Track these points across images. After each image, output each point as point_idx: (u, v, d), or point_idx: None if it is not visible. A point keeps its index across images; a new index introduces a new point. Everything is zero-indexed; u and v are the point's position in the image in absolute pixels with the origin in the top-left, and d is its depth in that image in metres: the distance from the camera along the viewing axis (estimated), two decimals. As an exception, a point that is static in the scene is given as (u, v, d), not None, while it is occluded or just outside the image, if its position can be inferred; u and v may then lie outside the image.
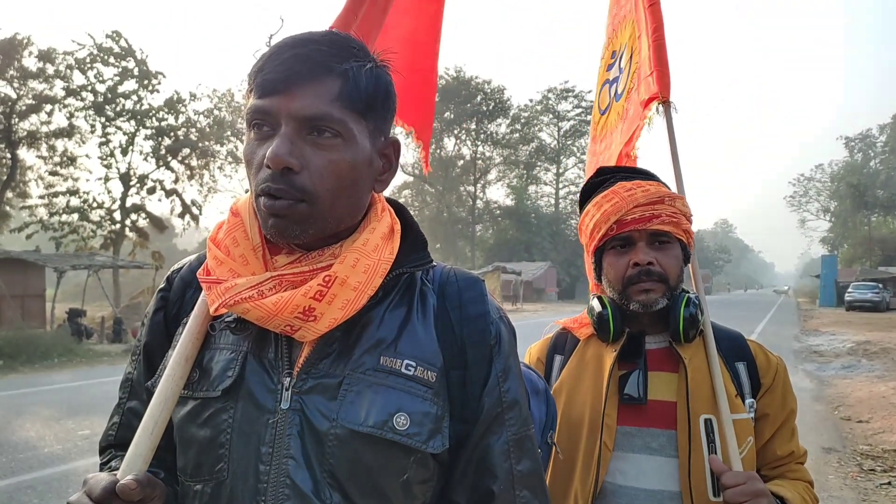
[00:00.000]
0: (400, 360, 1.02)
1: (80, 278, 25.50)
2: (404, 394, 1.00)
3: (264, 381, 1.01)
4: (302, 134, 0.96)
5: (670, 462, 1.58)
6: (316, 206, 0.97)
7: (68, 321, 19.72)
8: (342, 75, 0.98)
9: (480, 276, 8.04)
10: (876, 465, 6.86)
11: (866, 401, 10.26)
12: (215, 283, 1.00)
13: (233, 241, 1.04)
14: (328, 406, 0.98)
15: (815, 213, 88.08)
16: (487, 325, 1.09)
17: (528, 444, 1.11)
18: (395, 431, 0.97)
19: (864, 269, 52.49)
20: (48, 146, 30.50)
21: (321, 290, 0.97)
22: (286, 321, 0.97)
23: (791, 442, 1.65)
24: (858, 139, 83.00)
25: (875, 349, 17.04)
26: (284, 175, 0.95)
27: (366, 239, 1.03)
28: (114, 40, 30.00)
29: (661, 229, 1.63)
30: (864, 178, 69.43)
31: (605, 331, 1.69)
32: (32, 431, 8.16)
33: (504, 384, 1.08)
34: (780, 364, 1.69)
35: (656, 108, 2.10)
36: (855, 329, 24.05)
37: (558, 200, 64.39)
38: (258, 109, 0.98)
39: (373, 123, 1.03)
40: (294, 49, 0.98)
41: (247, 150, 1.01)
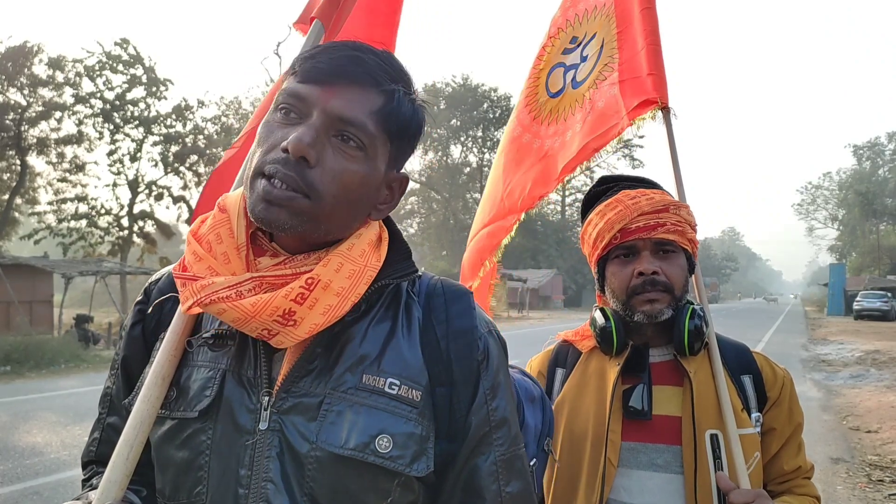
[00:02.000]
0: (383, 378, 0.97)
1: (88, 284, 25.61)
2: (387, 414, 0.95)
3: (243, 400, 0.97)
4: (329, 132, 0.94)
5: (676, 479, 1.55)
6: (317, 204, 0.93)
7: (76, 327, 19.77)
8: (388, 93, 0.96)
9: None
10: (885, 476, 6.81)
11: (875, 410, 10.19)
12: (191, 280, 0.95)
13: (216, 237, 0.99)
14: (308, 427, 0.94)
15: (822, 222, 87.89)
16: (475, 340, 1.04)
17: (518, 465, 1.07)
18: (377, 454, 0.93)
19: (872, 277, 52.26)
20: (57, 153, 30.71)
21: (302, 292, 0.92)
22: (264, 324, 0.92)
23: (798, 457, 1.61)
24: (867, 147, 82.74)
25: (884, 358, 16.92)
26: (298, 164, 0.91)
27: (352, 244, 0.99)
28: (122, 48, 30.21)
29: (666, 238, 1.59)
30: (873, 187, 69.16)
31: (609, 344, 1.65)
32: (39, 437, 8.18)
33: (492, 402, 1.04)
34: (786, 377, 1.66)
35: (653, 114, 2.07)
36: (863, 338, 23.90)
37: (564, 208, 64.32)
38: (294, 93, 0.95)
39: (395, 151, 1.02)
40: (351, 51, 0.97)
41: (264, 128, 0.97)
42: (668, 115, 2.04)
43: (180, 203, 32.70)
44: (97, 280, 22.48)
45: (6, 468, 6.73)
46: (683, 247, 1.63)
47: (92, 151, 31.50)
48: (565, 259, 56.57)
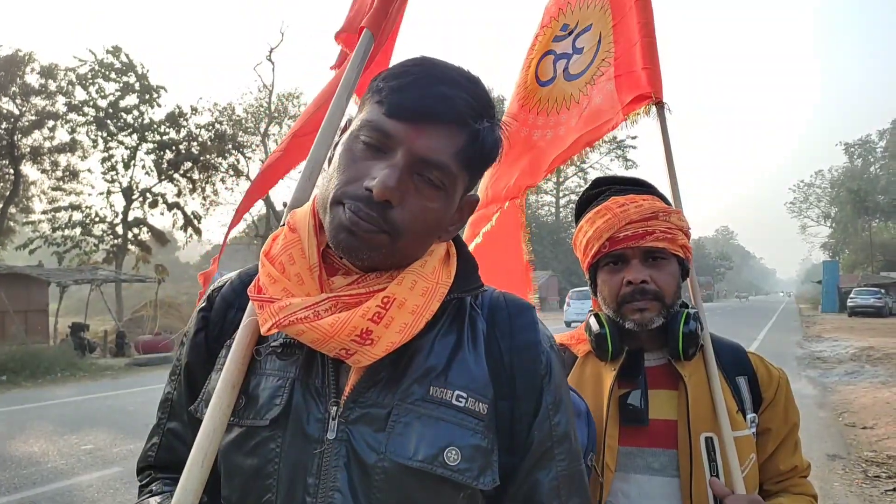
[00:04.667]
0: (451, 390, 0.97)
1: (83, 292, 25.50)
2: (455, 426, 0.95)
3: (312, 409, 0.97)
4: (411, 172, 0.93)
5: (672, 482, 1.55)
6: (395, 242, 0.94)
7: (71, 335, 19.72)
8: (473, 133, 0.96)
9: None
10: (881, 472, 6.84)
11: (870, 407, 10.23)
12: (268, 303, 0.96)
13: (289, 258, 1.00)
14: (376, 438, 0.94)
15: (815, 219, 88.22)
16: (538, 354, 1.04)
17: (579, 481, 1.06)
18: (446, 467, 0.93)
19: (865, 274, 52.44)
20: (51, 161, 30.59)
21: (379, 311, 0.93)
22: (342, 344, 0.92)
23: (794, 456, 1.62)
24: (858, 145, 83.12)
25: (878, 355, 16.98)
26: (380, 205, 0.91)
27: (424, 261, 1.00)
28: (114, 56, 30.15)
29: (656, 246, 1.59)
30: (865, 184, 69.49)
31: (604, 350, 1.65)
32: (36, 447, 8.15)
33: (555, 417, 1.04)
34: (781, 377, 1.66)
35: (646, 109, 2.04)
36: (858, 335, 23.98)
37: (559, 209, 64.36)
38: (380, 128, 0.94)
39: (473, 181, 1.03)
40: (440, 86, 0.95)
41: (346, 154, 0.96)
42: (662, 110, 2.02)
43: (175, 210, 32.59)
44: (92, 288, 22.41)
45: (3, 478, 6.71)
46: (675, 253, 1.62)
47: (86, 159, 31.42)
48: (560, 261, 56.57)
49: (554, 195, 64.39)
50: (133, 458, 7.48)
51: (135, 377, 15.75)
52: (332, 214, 0.95)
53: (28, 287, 20.67)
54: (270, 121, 36.56)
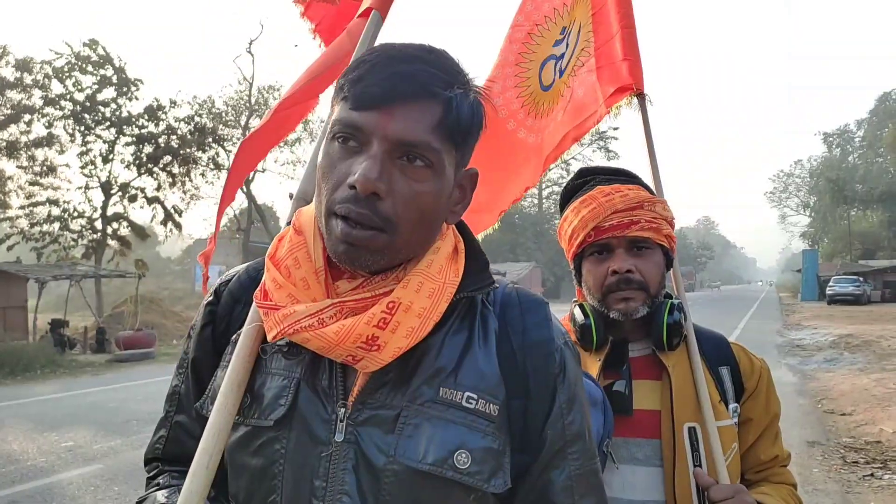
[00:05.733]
0: (461, 391, 0.95)
1: (62, 289, 25.25)
2: (465, 428, 0.94)
3: (318, 410, 0.96)
4: (392, 157, 0.90)
5: (656, 472, 1.56)
6: (395, 236, 0.91)
7: (51, 332, 19.50)
8: (446, 103, 0.92)
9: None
10: (859, 458, 6.95)
11: (849, 394, 10.38)
12: (273, 310, 0.95)
13: (294, 262, 0.98)
14: (385, 440, 0.93)
15: (795, 209, 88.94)
16: (552, 352, 1.02)
17: (593, 480, 1.04)
18: (456, 469, 0.92)
19: (844, 262, 53.10)
20: (28, 156, 30.16)
21: (384, 317, 0.91)
22: (348, 351, 0.91)
23: (775, 446, 1.63)
24: (836, 134, 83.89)
25: (857, 342, 17.24)
26: (369, 200, 0.89)
27: (430, 260, 0.97)
28: (91, 48, 29.74)
29: (641, 236, 1.59)
30: (843, 173, 70.09)
31: (589, 341, 1.64)
32: (15, 444, 8.07)
33: (568, 416, 1.01)
34: (763, 367, 1.67)
35: (628, 100, 2.03)
36: (837, 322, 24.31)
37: (542, 200, 64.55)
38: (350, 123, 0.91)
39: (460, 155, 0.99)
40: (399, 65, 0.92)
41: (325, 162, 0.94)
42: (644, 101, 2.01)
43: (155, 204, 32.28)
44: (72, 284, 22.17)
45: (-18, 477, 6.64)
46: (660, 243, 1.62)
47: (63, 154, 30.99)
48: (543, 251, 56.81)
49: (536, 187, 64.55)
50: (114, 455, 7.45)
51: (116, 373, 15.62)
52: (328, 228, 0.93)
53: (6, 283, 20.39)
54: (251, 113, 36.22)
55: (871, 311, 30.77)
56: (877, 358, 14.26)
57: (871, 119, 77.12)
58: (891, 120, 65.69)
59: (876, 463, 6.73)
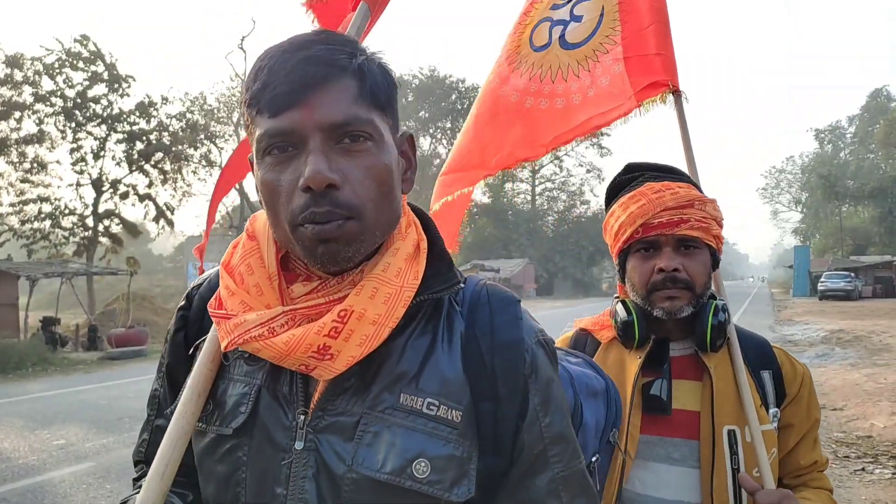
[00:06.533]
0: (422, 397, 0.93)
1: (54, 286, 25.13)
2: (425, 436, 0.91)
3: (279, 417, 0.95)
4: (333, 144, 0.88)
5: (692, 473, 1.55)
6: (364, 220, 0.89)
7: (42, 330, 19.41)
8: (357, 72, 0.90)
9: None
10: (850, 452, 6.97)
11: (840, 388, 10.42)
12: (225, 319, 0.94)
13: (247, 268, 0.97)
14: (345, 448, 0.91)
15: (786, 205, 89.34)
16: (521, 353, 0.98)
17: (580, 480, 1.01)
18: (415, 479, 0.89)
19: (835, 258, 53.29)
20: (18, 153, 29.98)
21: (336, 326, 0.88)
22: (300, 360, 0.89)
23: (814, 451, 1.62)
24: (828, 131, 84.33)
25: (848, 337, 17.33)
26: (327, 194, 0.86)
27: (386, 263, 0.94)
28: (82, 45, 29.58)
29: (690, 235, 1.56)
30: (835, 169, 70.47)
31: (630, 338, 1.63)
32: (6, 442, 8.03)
33: (545, 418, 0.98)
34: (805, 373, 1.65)
35: (662, 97, 1.97)
36: (828, 318, 24.43)
37: (535, 197, 64.60)
38: (277, 131, 0.88)
39: (391, 119, 0.97)
40: (297, 54, 0.89)
41: (267, 178, 0.90)
42: (680, 99, 1.95)
43: (146, 201, 32.17)
44: (63, 282, 22.07)
45: (-26, 475, 6.60)
46: (708, 243, 1.60)
47: (54, 150, 30.83)
48: (536, 248, 56.90)
49: (530, 183, 64.62)
50: (106, 452, 7.43)
51: (107, 371, 15.56)
52: (298, 241, 0.90)
53: (-3, 281, 20.28)
54: (243, 110, 36.12)
55: (862, 307, 30.93)
56: (868, 353, 14.33)
57: (862, 115, 77.50)
58: (882, 116, 66.05)
59: (867, 457, 6.76)
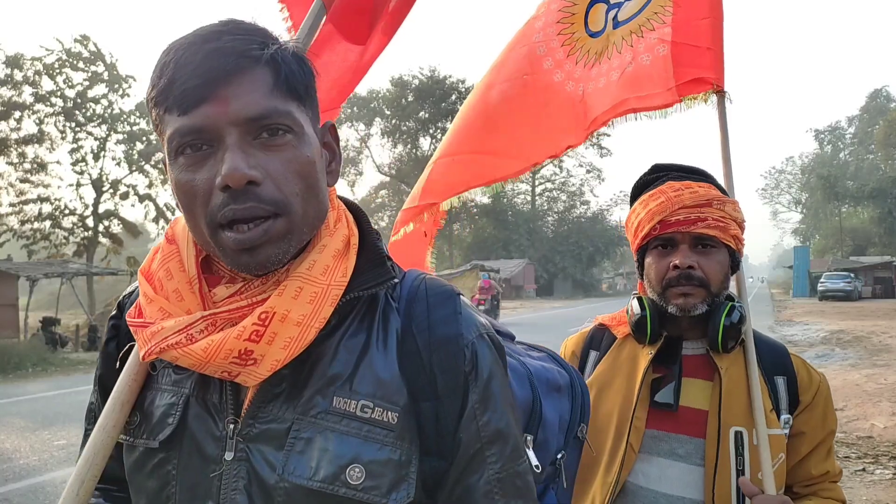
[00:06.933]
0: (356, 400, 0.88)
1: (54, 286, 25.14)
2: (360, 440, 0.87)
3: (209, 427, 0.90)
4: (250, 139, 0.84)
5: (695, 470, 1.57)
6: (291, 216, 0.85)
7: (42, 330, 19.39)
8: (271, 62, 0.85)
9: (459, 274, 7.93)
10: (851, 452, 6.97)
11: (840, 389, 10.41)
12: (142, 327, 0.89)
13: (166, 273, 0.92)
14: (276, 456, 0.87)
15: (786, 205, 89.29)
16: (461, 348, 0.93)
17: (519, 483, 0.96)
18: (349, 486, 0.85)
19: (835, 259, 53.32)
20: (18, 153, 30.01)
21: (257, 329, 0.84)
22: (222, 367, 0.85)
23: (827, 461, 1.61)
24: (828, 131, 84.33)
25: (848, 338, 17.32)
26: (247, 192, 0.82)
27: (312, 261, 0.89)
28: (82, 45, 29.60)
29: (706, 233, 1.58)
30: (834, 170, 70.44)
31: (643, 333, 1.66)
32: (7, 443, 8.03)
33: (482, 416, 0.93)
34: (822, 382, 1.64)
35: (705, 96, 1.92)
36: (828, 318, 24.42)
37: (535, 197, 64.57)
38: (190, 129, 0.82)
39: (310, 110, 0.92)
40: (205, 45, 0.83)
41: (182, 180, 0.84)
42: (724, 100, 1.91)
43: (147, 202, 32.21)
44: (63, 282, 22.06)
45: (-26, 476, 6.60)
46: (726, 243, 1.61)
47: (54, 151, 30.89)
48: (536, 248, 56.89)
49: (529, 183, 64.65)
50: (107, 452, 7.42)
51: (108, 371, 15.52)
52: (219, 245, 0.85)
53: (-3, 281, 20.28)
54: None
55: (862, 308, 30.93)
56: (868, 353, 14.33)
57: (862, 116, 77.51)
58: (882, 117, 66.04)
59: (868, 458, 6.76)
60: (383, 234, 5.06)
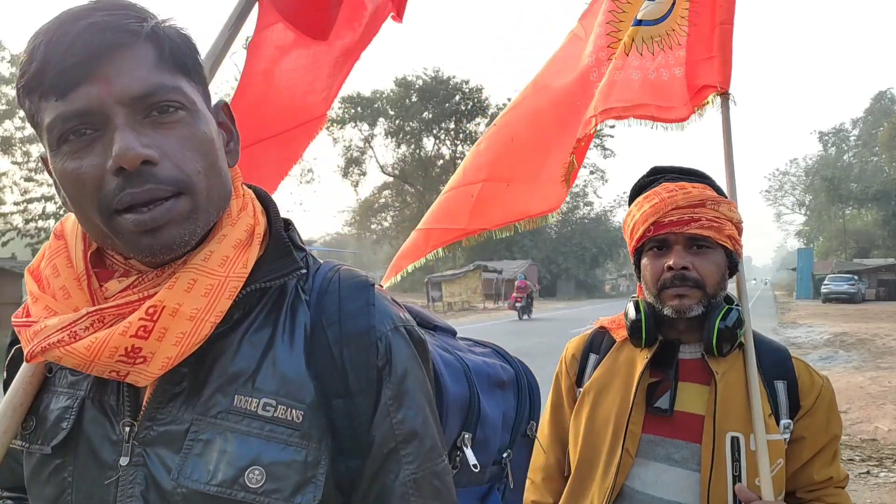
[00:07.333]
0: (257, 398, 0.83)
1: (57, 285, 25.07)
2: (261, 441, 0.82)
3: (106, 431, 0.85)
4: (141, 118, 0.78)
5: (692, 475, 1.56)
6: (195, 194, 0.80)
7: (45, 329, 19.43)
8: (152, 36, 0.79)
9: (462, 275, 7.86)
10: (854, 455, 6.95)
11: (844, 391, 10.39)
12: (25, 327, 0.83)
13: (53, 270, 0.86)
14: (173, 460, 0.82)
15: (790, 207, 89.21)
16: (373, 342, 0.88)
17: (435, 483, 0.91)
18: (248, 490, 0.80)
19: (839, 261, 53.22)
20: (22, 152, 30.10)
21: (144, 325, 0.78)
22: (109, 366, 0.79)
23: (830, 467, 1.58)
24: (832, 133, 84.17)
25: (852, 340, 17.29)
26: (143, 173, 0.76)
27: (209, 252, 0.83)
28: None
29: (700, 234, 1.57)
30: (838, 172, 70.28)
31: (638, 337, 1.65)
32: None
33: (397, 413, 0.88)
34: (824, 386, 1.61)
35: (711, 99, 1.93)
36: (832, 321, 24.37)
37: (538, 198, 64.46)
38: (71, 114, 0.76)
39: (200, 86, 0.87)
40: (78, 23, 0.76)
41: (67, 169, 0.78)
42: (727, 101, 1.93)
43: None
44: (66, 281, 22.09)
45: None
46: (722, 243, 1.59)
47: (58, 150, 30.97)
48: (540, 249, 56.84)
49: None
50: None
51: (111, 370, 15.55)
52: (117, 233, 0.79)
53: (1, 280, 20.33)
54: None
55: (865, 310, 30.87)
56: (872, 356, 14.30)
57: (866, 118, 77.36)
58: (886, 119, 65.90)
59: (872, 461, 6.74)
60: (386, 234, 5.04)
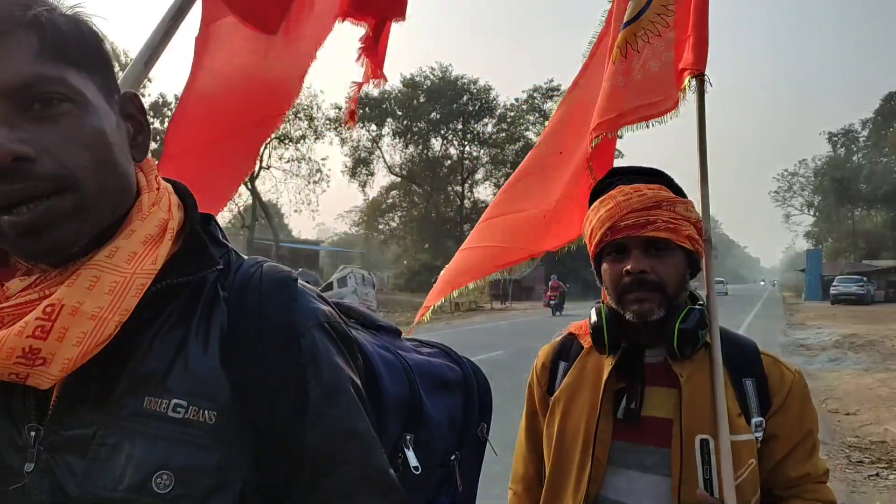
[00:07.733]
0: (168, 399, 0.79)
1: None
2: (170, 444, 0.78)
3: (12, 436, 0.81)
4: (19, 112, 0.73)
5: (664, 481, 1.53)
6: (80, 191, 0.75)
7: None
8: (34, 24, 0.74)
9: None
10: (864, 457, 6.92)
11: (853, 393, 10.36)
12: None
13: None
14: (80, 466, 0.78)
15: (799, 208, 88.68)
16: (295, 338, 0.84)
17: (380, 480, 0.89)
18: (155, 496, 0.76)
19: (848, 262, 53.03)
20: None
21: (42, 325, 0.74)
22: (7, 369, 0.75)
23: (807, 463, 1.54)
24: (841, 134, 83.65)
25: (861, 342, 17.22)
26: (18, 169, 0.71)
27: (115, 248, 0.79)
28: (97, 44, 29.85)
29: (657, 236, 1.53)
30: (847, 173, 69.94)
31: (600, 344, 1.63)
32: None
33: (330, 411, 0.85)
34: (795, 381, 1.57)
35: (688, 82, 1.83)
36: (840, 322, 24.27)
37: (545, 199, 64.37)
38: None
39: (98, 77, 0.82)
40: None
41: None
42: (703, 84, 1.84)
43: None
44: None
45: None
46: (680, 244, 1.55)
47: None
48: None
49: (540, 185, 64.30)
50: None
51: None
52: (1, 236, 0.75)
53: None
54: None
55: (874, 311, 30.72)
56: (881, 358, 14.23)
57: (876, 119, 76.89)
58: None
59: (881, 463, 6.71)
60: (393, 234, 5.00)
